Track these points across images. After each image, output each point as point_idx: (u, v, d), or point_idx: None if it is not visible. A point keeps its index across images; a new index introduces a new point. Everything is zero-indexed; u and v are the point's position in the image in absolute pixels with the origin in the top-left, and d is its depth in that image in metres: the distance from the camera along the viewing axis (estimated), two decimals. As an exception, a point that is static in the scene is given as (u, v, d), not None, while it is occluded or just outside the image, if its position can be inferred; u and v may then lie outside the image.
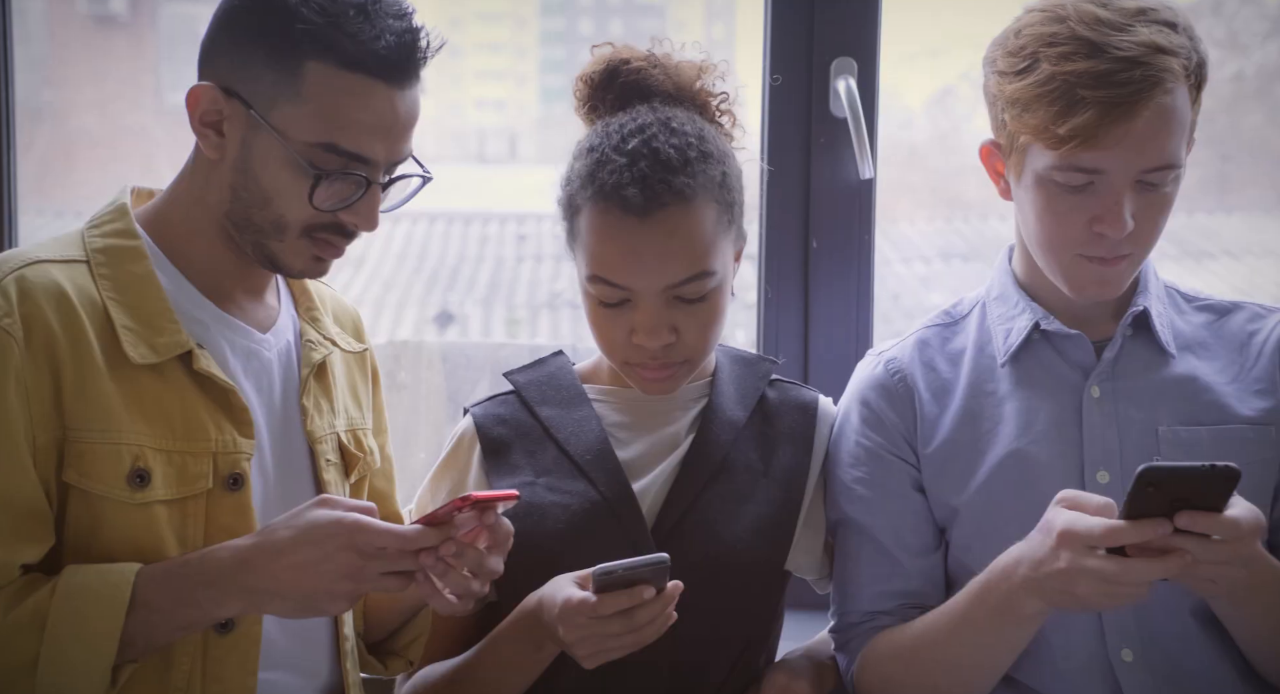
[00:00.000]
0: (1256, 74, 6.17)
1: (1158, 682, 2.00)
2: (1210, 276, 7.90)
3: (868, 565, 2.13)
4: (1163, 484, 1.71)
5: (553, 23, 7.46)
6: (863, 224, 2.67)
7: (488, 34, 7.62)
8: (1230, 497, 1.73)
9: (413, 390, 3.65)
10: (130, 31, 5.14)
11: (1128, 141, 1.91)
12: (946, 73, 5.41)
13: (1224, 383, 2.06)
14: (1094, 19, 1.92)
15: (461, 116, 7.39)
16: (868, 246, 2.68)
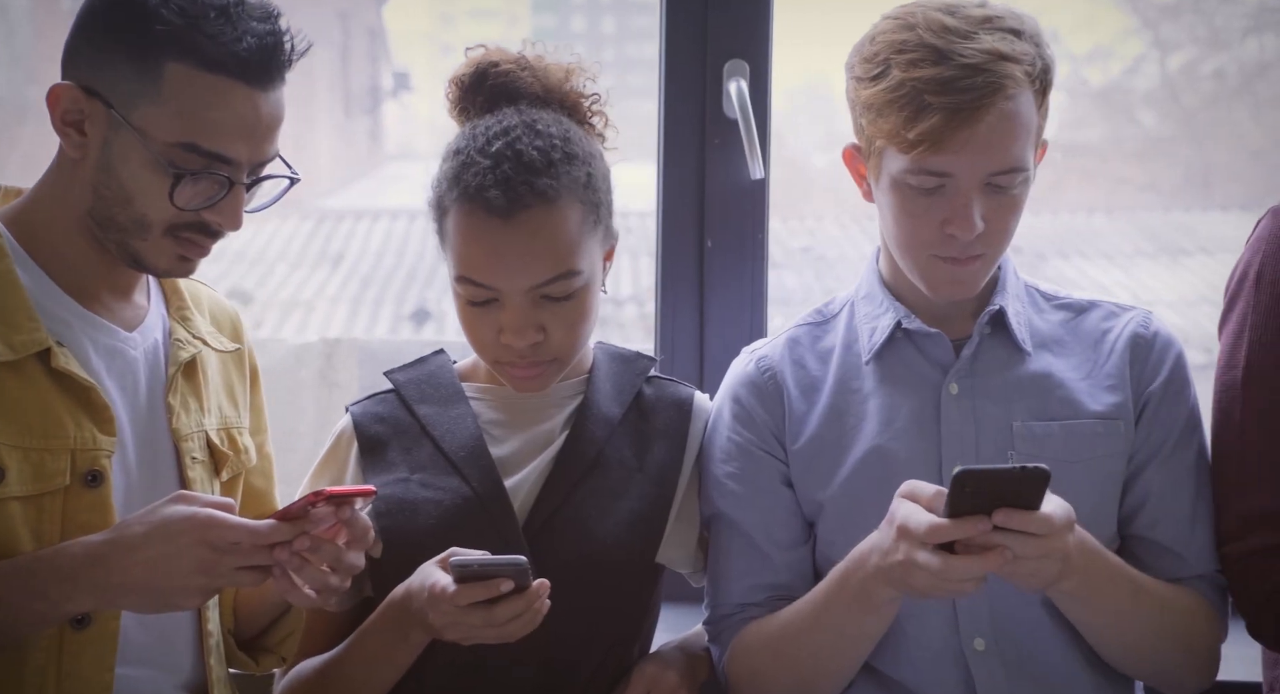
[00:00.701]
0: (1239, 71, 6.16)
1: (1008, 670, 2.07)
2: (1186, 273, 7.86)
3: (738, 559, 2.17)
4: (979, 485, 1.79)
5: (544, 20, 7.48)
6: (756, 223, 2.72)
7: (479, 32, 7.64)
8: (1042, 496, 1.81)
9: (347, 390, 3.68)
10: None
11: (973, 145, 1.97)
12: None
13: (1077, 379, 2.13)
14: (941, 27, 1.98)
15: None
16: (761, 246, 2.73)
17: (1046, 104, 2.06)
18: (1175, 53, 6.20)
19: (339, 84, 6.41)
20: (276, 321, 5.89)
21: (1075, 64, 6.48)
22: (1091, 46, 6.38)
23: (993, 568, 1.82)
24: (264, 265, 5.84)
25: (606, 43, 7.53)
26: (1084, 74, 6.50)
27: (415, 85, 6.77)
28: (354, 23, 6.44)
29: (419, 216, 6.91)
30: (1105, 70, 6.48)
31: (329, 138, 6.63)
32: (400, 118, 7.02)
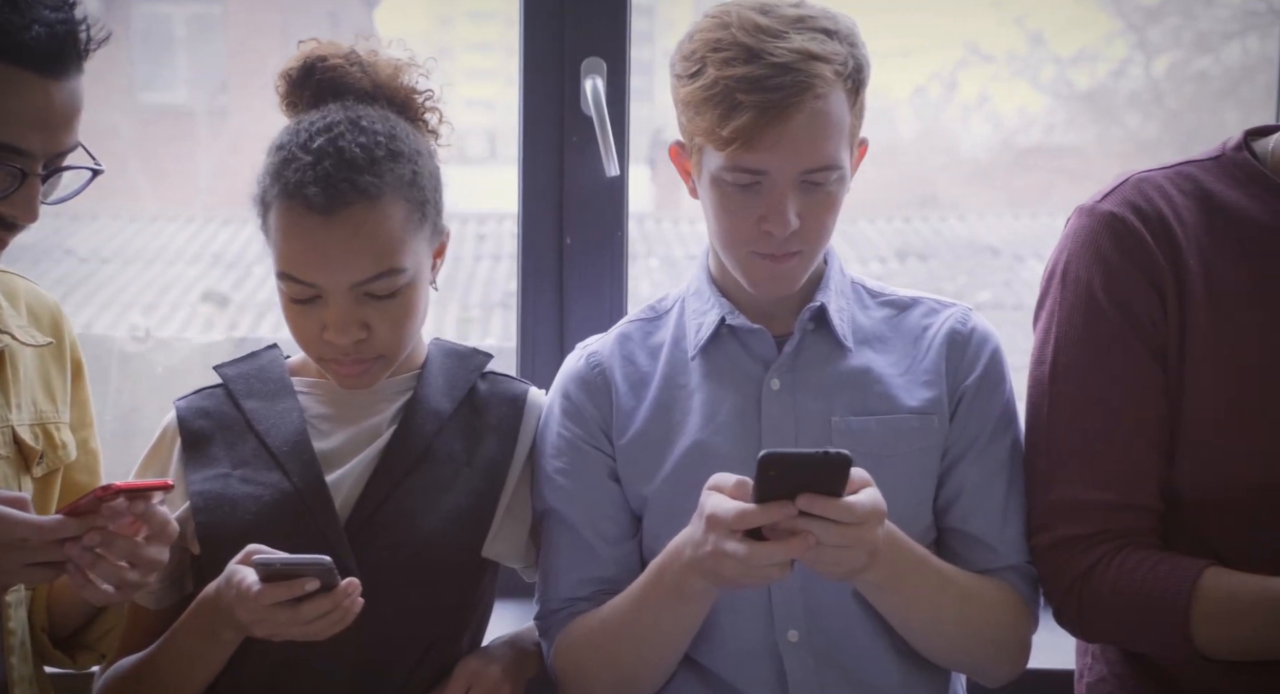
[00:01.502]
0: (1224, 74, 6.14)
1: (819, 661, 2.12)
2: None
3: (566, 553, 2.22)
4: (783, 469, 1.83)
5: (541, 22, 7.53)
6: (615, 221, 2.76)
7: (477, 33, 7.68)
8: (845, 482, 1.85)
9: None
10: (102, 29, 5.22)
11: (784, 143, 2.01)
12: (919, 72, 5.40)
13: (896, 375, 2.18)
14: (754, 26, 2.02)
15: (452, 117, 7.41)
16: (620, 243, 2.77)
17: (861, 103, 2.10)
18: (1161, 55, 6.17)
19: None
20: (251, 324, 5.92)
21: (1061, 66, 6.46)
22: (1078, 49, 6.35)
23: (796, 553, 1.86)
24: (241, 268, 5.88)
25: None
26: (1070, 76, 6.48)
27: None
28: (345, 25, 6.47)
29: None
30: (1092, 72, 6.45)
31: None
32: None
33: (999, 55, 6.41)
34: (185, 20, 5.25)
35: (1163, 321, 2.11)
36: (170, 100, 5.53)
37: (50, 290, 2.26)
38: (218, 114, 5.17)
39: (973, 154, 6.52)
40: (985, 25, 5.95)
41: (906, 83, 6.07)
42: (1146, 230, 2.12)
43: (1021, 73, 6.46)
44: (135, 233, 6.08)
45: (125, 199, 5.89)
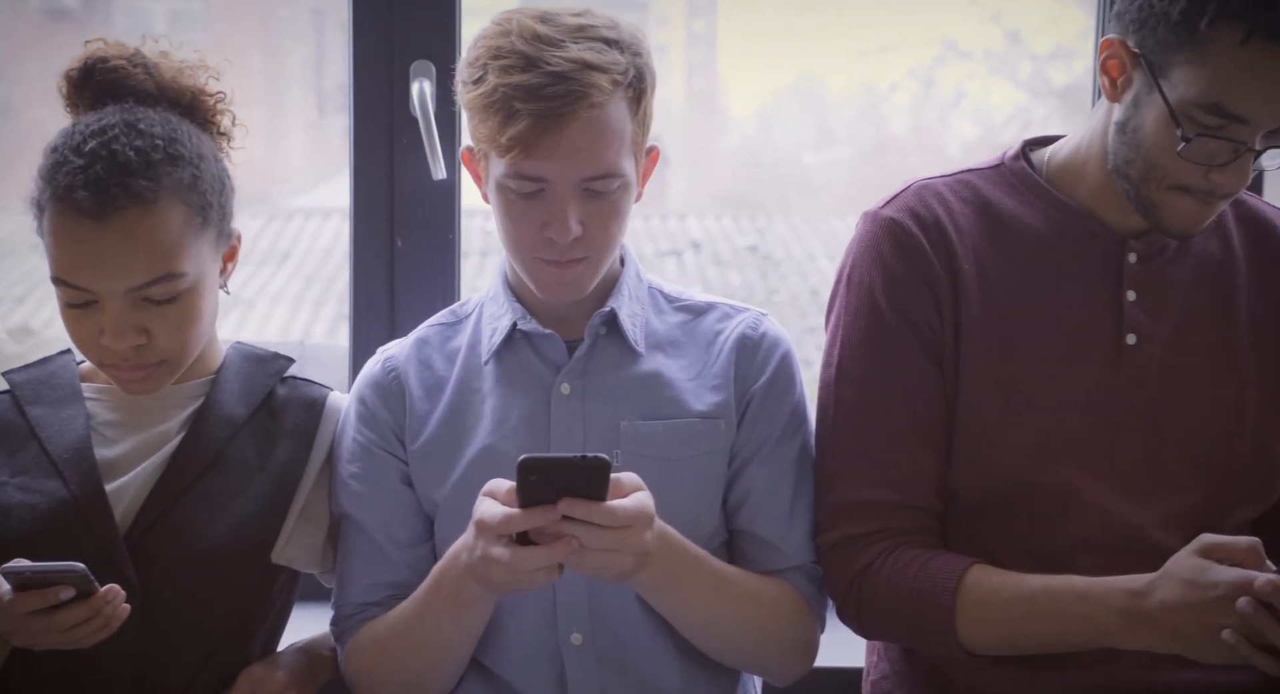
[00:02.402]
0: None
1: (601, 663, 2.15)
2: None
3: (359, 558, 2.24)
4: (543, 474, 1.86)
5: (536, 18, 7.55)
6: (446, 223, 2.77)
7: (472, 30, 7.70)
8: (606, 485, 1.88)
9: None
10: (83, 25, 5.25)
11: (562, 151, 2.04)
12: (896, 68, 5.40)
13: (686, 379, 2.21)
14: (533, 35, 2.05)
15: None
16: (452, 246, 2.78)
17: (644, 112, 2.13)
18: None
19: (312, 82, 6.45)
20: (238, 320, 5.94)
21: (1038, 64, 6.42)
22: (1054, 46, 6.32)
23: (559, 557, 1.90)
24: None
25: (597, 41, 7.55)
26: (1047, 74, 6.44)
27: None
28: (329, 19, 6.48)
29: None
30: (1069, 69, 6.42)
31: (301, 136, 6.67)
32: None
33: (976, 52, 6.37)
34: (165, 15, 5.29)
35: (939, 326, 2.16)
36: None
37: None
38: None
39: (949, 150, 6.49)
40: (963, 22, 5.91)
41: (884, 80, 6.04)
42: (924, 236, 2.17)
43: (999, 70, 6.44)
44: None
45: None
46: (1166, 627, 1.94)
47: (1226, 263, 2.21)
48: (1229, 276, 2.20)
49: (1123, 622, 1.99)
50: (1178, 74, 1.99)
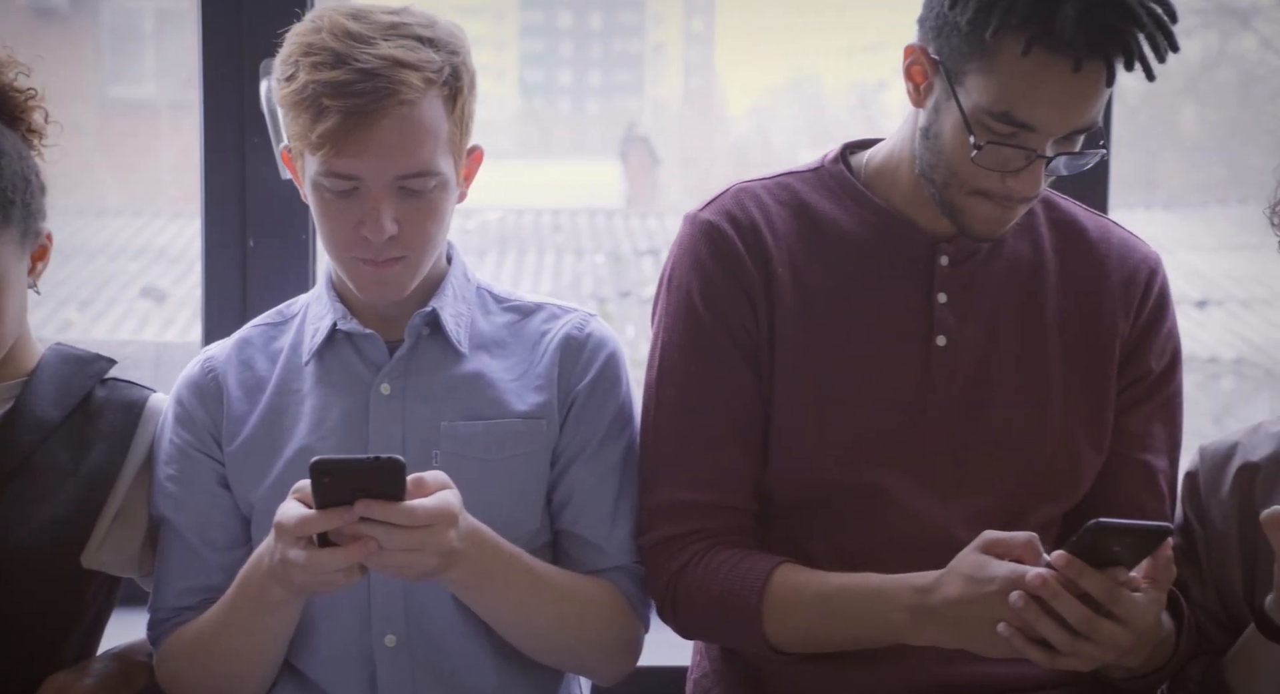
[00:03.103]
0: (1183, 70, 6.04)
1: (415, 665, 2.16)
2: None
3: (175, 561, 2.24)
4: (336, 475, 1.87)
5: (532, 15, 7.54)
6: (300, 222, 2.76)
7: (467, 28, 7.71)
8: (403, 485, 1.90)
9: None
10: (71, 25, 5.27)
11: (373, 149, 2.05)
12: (884, 67, 5.41)
13: (509, 380, 2.23)
14: (344, 32, 2.06)
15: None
16: (305, 245, 2.78)
17: (462, 111, 2.14)
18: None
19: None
20: (187, 322, 5.96)
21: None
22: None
23: (356, 559, 1.91)
24: (184, 264, 5.92)
25: (594, 38, 7.56)
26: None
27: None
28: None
29: None
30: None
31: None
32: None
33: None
34: (153, 14, 5.31)
35: (755, 328, 2.19)
36: (138, 95, 5.58)
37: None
38: (185, 108, 5.21)
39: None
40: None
41: (878, 78, 6.02)
42: (740, 239, 2.20)
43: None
44: (80, 227, 6.16)
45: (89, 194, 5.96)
46: (949, 622, 1.98)
47: (1037, 265, 2.24)
48: (1039, 279, 2.24)
49: (911, 618, 2.02)
50: (971, 82, 2.03)
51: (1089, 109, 2.02)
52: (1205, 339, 5.55)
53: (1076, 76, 1.97)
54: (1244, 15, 6.14)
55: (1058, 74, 1.97)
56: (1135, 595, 1.88)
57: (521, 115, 7.39)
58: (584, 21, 7.33)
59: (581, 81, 7.27)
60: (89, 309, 6.24)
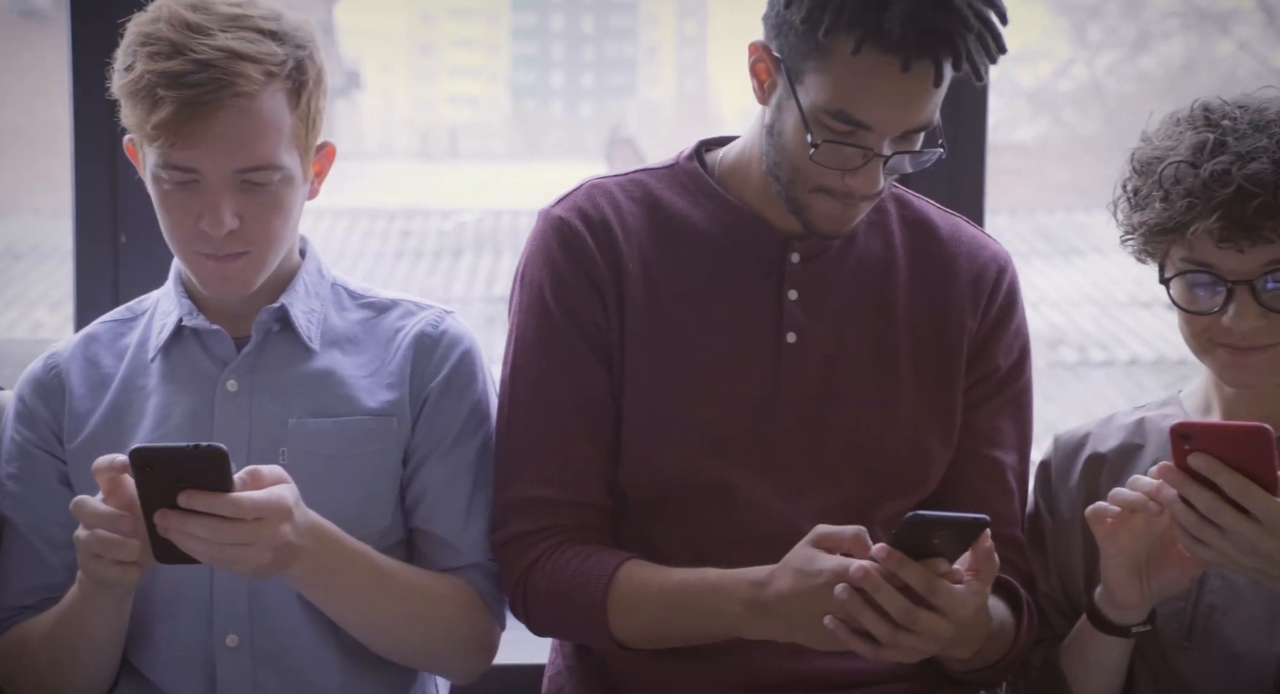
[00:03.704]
0: (1165, 72, 6.00)
1: (258, 664, 2.15)
2: (1075, 273, 7.60)
3: (15, 560, 2.22)
4: (158, 465, 1.85)
5: (525, 18, 7.56)
6: (173, 220, 2.69)
7: (460, 30, 7.71)
8: (229, 476, 1.88)
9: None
10: (55, 25, 5.30)
11: (210, 141, 2.04)
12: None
13: (361, 377, 2.22)
14: (182, 22, 2.05)
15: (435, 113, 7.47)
16: (177, 243, 2.70)
17: (308, 106, 2.13)
18: (1103, 53, 6.07)
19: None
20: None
21: (1004, 65, 6.34)
22: (1019, 48, 6.29)
23: (122, 550, 1.91)
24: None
25: (586, 41, 7.55)
26: (1012, 75, 6.37)
27: (369, 83, 6.84)
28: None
29: (324, 215, 6.96)
30: (1034, 71, 6.34)
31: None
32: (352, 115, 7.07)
33: (944, 52, 6.30)
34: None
35: (605, 325, 2.20)
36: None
37: None
38: None
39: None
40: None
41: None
42: (590, 235, 2.21)
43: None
44: (54, 230, 6.16)
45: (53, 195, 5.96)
46: (781, 616, 1.99)
47: (888, 263, 2.26)
48: (890, 277, 2.25)
49: (746, 612, 2.03)
50: (809, 80, 2.04)
51: (922, 108, 2.04)
52: (1177, 341, 5.53)
53: (906, 76, 1.98)
54: (1222, 19, 6.12)
55: (888, 73, 1.99)
56: (955, 587, 1.89)
57: (514, 118, 7.40)
58: (576, 24, 7.34)
59: (574, 84, 7.28)
60: (60, 310, 6.25)
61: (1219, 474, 1.86)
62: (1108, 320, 6.76)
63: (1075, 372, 6.29)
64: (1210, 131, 2.04)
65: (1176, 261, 2.08)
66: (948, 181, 2.72)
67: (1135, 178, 2.12)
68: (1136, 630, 2.05)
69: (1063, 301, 6.82)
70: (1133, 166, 2.13)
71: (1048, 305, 7.14)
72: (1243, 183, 1.98)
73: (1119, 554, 1.99)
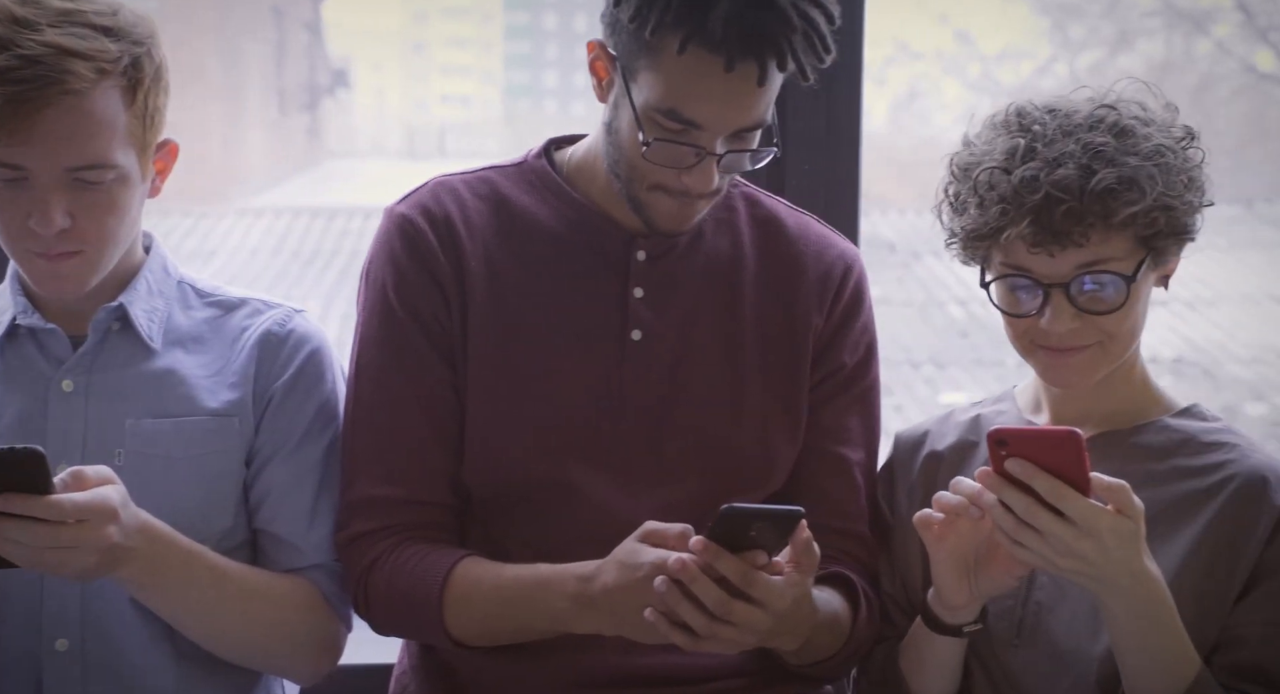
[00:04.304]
0: (1147, 71, 6.01)
1: (86, 671, 2.14)
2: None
3: None
4: None
5: (517, 17, 7.55)
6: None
7: (452, 29, 7.72)
8: (48, 478, 1.86)
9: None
10: None
11: (38, 138, 2.03)
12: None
13: (204, 376, 2.21)
14: (10, 16, 2.04)
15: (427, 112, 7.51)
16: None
17: (145, 104, 2.11)
18: (1084, 52, 6.06)
19: (273, 81, 6.48)
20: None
21: (986, 65, 6.34)
22: (1002, 47, 6.27)
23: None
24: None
25: (579, 41, 7.56)
26: (995, 74, 6.38)
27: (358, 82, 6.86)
28: (289, 19, 6.52)
29: (302, 214, 6.88)
30: (1016, 71, 6.35)
31: (260, 135, 6.69)
32: (341, 114, 7.09)
33: (927, 53, 6.31)
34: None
35: (449, 323, 2.21)
36: None
37: None
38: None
39: (897, 150, 6.42)
40: (914, 24, 5.85)
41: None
42: (433, 233, 2.22)
43: (950, 70, 6.36)
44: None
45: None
46: (606, 609, 2.02)
47: (736, 261, 2.27)
48: (737, 275, 2.26)
49: (574, 606, 2.06)
50: (642, 79, 2.06)
51: (751, 108, 2.05)
52: (1148, 340, 5.56)
53: (731, 76, 2.00)
54: (1199, 19, 6.11)
55: (713, 73, 2.00)
56: (772, 578, 1.91)
57: (506, 117, 7.41)
58: (569, 23, 7.32)
59: (567, 83, 7.24)
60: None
61: (1034, 478, 1.89)
62: (1078, 318, 6.79)
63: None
64: (1022, 137, 2.06)
65: (996, 265, 2.11)
66: (824, 181, 2.74)
67: (954, 182, 2.14)
68: (967, 630, 2.07)
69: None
70: (951, 171, 2.15)
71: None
72: (1050, 189, 2.01)
73: (947, 557, 2.02)
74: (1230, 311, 5.91)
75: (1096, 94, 2.12)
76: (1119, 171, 2.01)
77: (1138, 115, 2.08)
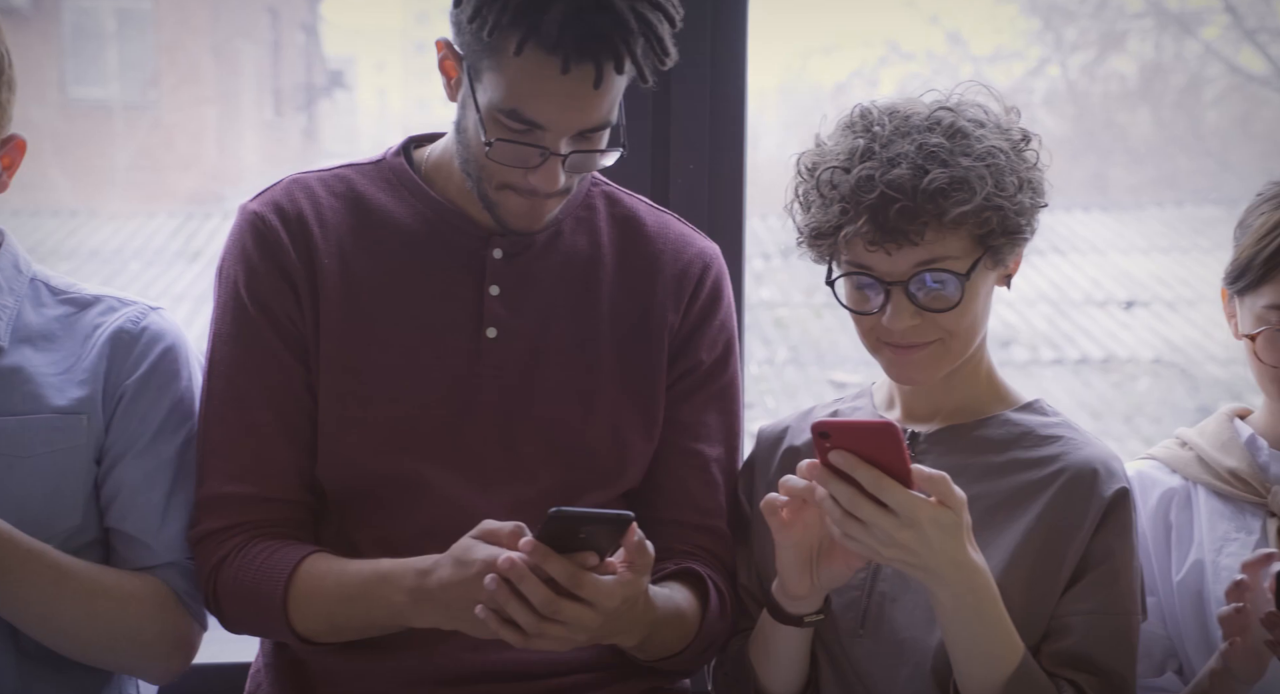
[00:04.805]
0: (1139, 73, 6.01)
1: None
2: (1033, 273, 7.58)
3: None
4: None
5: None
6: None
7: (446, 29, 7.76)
8: None
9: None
10: (32, 25, 5.36)
11: None
12: (841, 69, 5.43)
13: (52, 374, 2.21)
14: None
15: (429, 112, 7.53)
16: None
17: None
18: (1075, 54, 6.07)
19: (268, 82, 6.49)
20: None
21: (978, 66, 6.38)
22: (993, 48, 6.29)
23: None
24: (117, 262, 5.93)
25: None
26: (987, 76, 6.38)
27: (359, 82, 6.87)
28: (285, 19, 6.53)
29: None
30: (1008, 72, 6.36)
31: (254, 136, 6.71)
32: (337, 115, 7.12)
33: (919, 54, 6.34)
34: (114, 14, 5.39)
35: (300, 320, 2.22)
36: (100, 95, 5.65)
37: None
38: (147, 108, 5.25)
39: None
40: (906, 24, 5.88)
41: (830, 80, 6.04)
42: (285, 230, 2.23)
43: (941, 71, 6.39)
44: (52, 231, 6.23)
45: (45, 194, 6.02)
46: (442, 604, 2.03)
47: (594, 259, 2.29)
48: (595, 273, 2.28)
49: (411, 600, 2.06)
50: (486, 79, 2.08)
51: (591, 109, 2.06)
52: (1128, 341, 5.55)
53: (567, 77, 2.01)
54: (1187, 21, 6.13)
55: (550, 74, 2.02)
56: (602, 578, 1.93)
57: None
58: (570, 23, 7.35)
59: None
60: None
61: (855, 469, 1.92)
62: (1061, 319, 6.74)
63: (1025, 370, 6.29)
64: (862, 137, 2.10)
65: (842, 263, 2.14)
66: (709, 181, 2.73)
67: (802, 181, 2.17)
68: (809, 620, 2.10)
69: (1018, 300, 6.87)
70: (799, 170, 2.18)
71: (1003, 304, 7.12)
72: (885, 188, 2.04)
73: (792, 546, 2.04)
74: (1210, 312, 5.92)
75: (941, 96, 2.16)
76: (951, 172, 2.05)
77: (974, 117, 2.13)
